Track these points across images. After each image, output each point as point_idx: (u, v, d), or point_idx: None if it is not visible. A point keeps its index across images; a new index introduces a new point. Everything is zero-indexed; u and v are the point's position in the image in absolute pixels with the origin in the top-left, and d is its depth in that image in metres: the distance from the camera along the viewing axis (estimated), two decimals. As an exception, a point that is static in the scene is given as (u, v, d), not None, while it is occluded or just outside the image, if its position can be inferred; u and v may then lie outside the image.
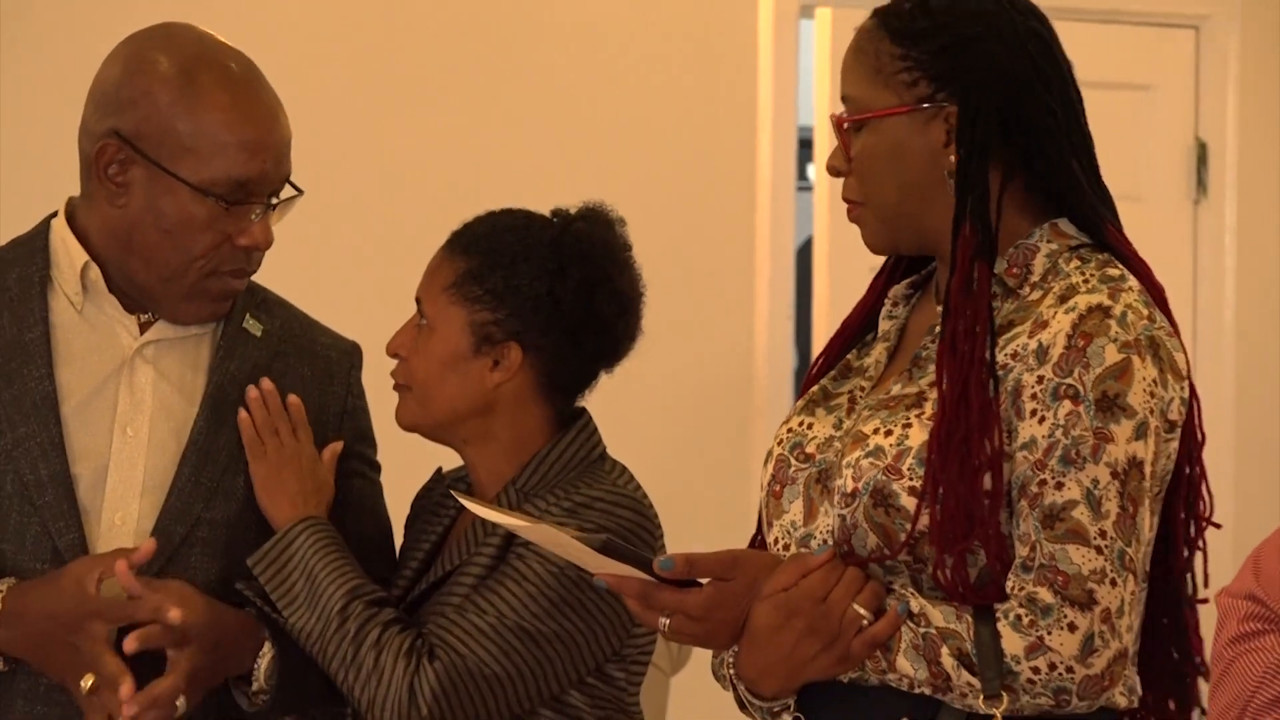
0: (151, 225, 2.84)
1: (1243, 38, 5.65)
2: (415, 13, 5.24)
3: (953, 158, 2.56)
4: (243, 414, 2.87)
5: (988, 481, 2.44)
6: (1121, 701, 2.50)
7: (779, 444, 2.64)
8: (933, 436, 2.46)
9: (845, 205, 2.64)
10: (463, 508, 2.96)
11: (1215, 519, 3.83)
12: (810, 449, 2.60)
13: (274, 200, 2.86)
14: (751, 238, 5.37)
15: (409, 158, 5.21)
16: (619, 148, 5.29)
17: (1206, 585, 2.59)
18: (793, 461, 2.61)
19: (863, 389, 2.63)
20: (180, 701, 2.73)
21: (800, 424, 2.64)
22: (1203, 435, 2.57)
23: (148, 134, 2.81)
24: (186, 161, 2.80)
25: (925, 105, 2.56)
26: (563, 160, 5.22)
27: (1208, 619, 2.58)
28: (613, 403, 3.08)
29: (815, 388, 2.69)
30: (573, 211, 2.97)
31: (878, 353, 2.67)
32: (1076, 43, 6.05)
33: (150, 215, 2.83)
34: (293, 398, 2.91)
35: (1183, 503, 2.56)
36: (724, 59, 5.36)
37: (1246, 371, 5.67)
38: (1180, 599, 2.57)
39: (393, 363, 3.01)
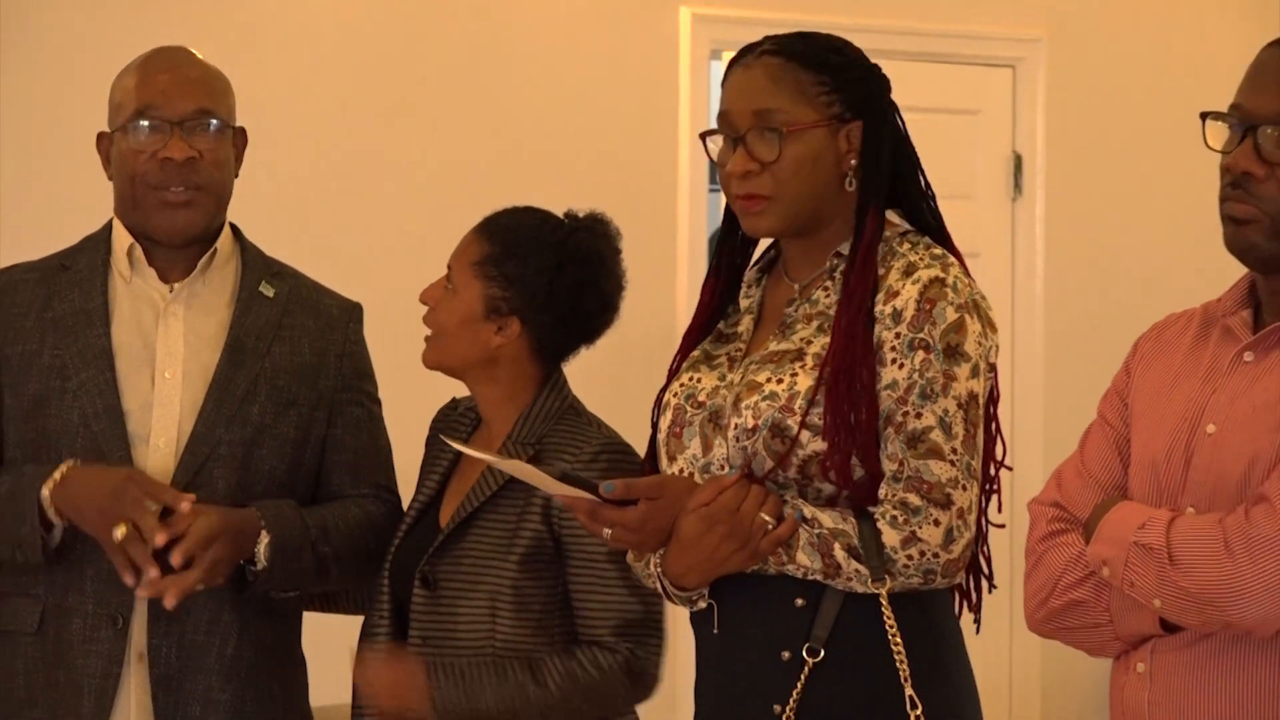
0: (117, 175, 2.93)
1: (1048, 75, 5.67)
2: (405, 44, 5.21)
3: (854, 161, 2.56)
4: None
5: (865, 407, 2.46)
6: (960, 579, 2.55)
7: (674, 396, 2.63)
8: (826, 362, 2.48)
9: (745, 199, 2.56)
10: (473, 430, 2.98)
11: (1028, 447, 3.78)
12: (701, 398, 2.59)
13: (185, 125, 2.88)
14: (674, 228, 5.37)
15: (405, 163, 5.18)
16: (570, 157, 5.27)
17: (1000, 511, 2.62)
18: (688, 409, 2.60)
19: (739, 350, 2.63)
20: (199, 585, 2.77)
21: (690, 379, 2.63)
22: (998, 394, 2.59)
23: (110, 118, 2.94)
24: (118, 117, 2.91)
25: (838, 121, 2.56)
26: (525, 167, 5.19)
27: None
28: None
29: (696, 352, 2.68)
30: (580, 216, 2.95)
31: (745, 323, 2.67)
32: (923, 78, 6.11)
33: (116, 169, 2.93)
34: None
35: (989, 451, 2.59)
36: (653, 90, 5.35)
37: (1052, 331, 5.70)
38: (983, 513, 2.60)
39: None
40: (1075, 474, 2.48)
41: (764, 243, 2.74)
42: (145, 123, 2.88)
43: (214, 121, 2.91)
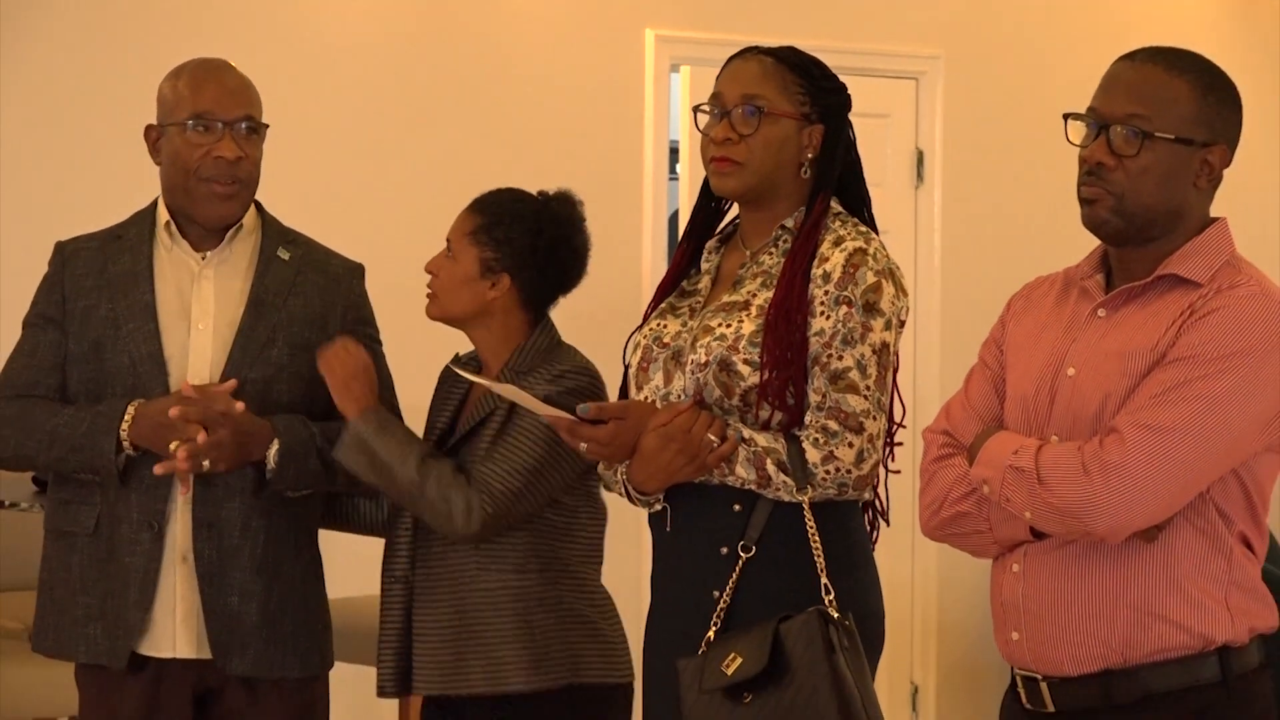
0: (169, 164, 2.92)
1: (946, 86, 5.65)
2: (411, 55, 5.14)
3: (811, 155, 2.60)
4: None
5: (797, 343, 2.49)
6: (868, 496, 2.58)
7: (644, 337, 2.68)
8: (770, 307, 2.51)
9: (720, 160, 2.60)
10: (474, 374, 2.97)
11: (927, 389, 3.69)
12: (666, 339, 2.63)
13: (234, 126, 2.89)
14: (639, 211, 5.32)
15: (410, 155, 5.11)
16: (552, 152, 5.21)
17: (893, 460, 2.64)
18: (654, 348, 2.64)
19: (698, 303, 2.66)
20: (206, 463, 2.79)
21: (658, 325, 2.67)
22: (898, 363, 2.59)
23: (160, 114, 2.93)
24: (174, 114, 2.90)
25: (805, 121, 2.60)
26: (512, 162, 5.13)
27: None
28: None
29: (664, 303, 2.71)
30: (551, 193, 2.99)
31: (705, 282, 2.70)
32: (842, 88, 5.94)
33: (167, 158, 2.93)
34: (353, 345, 2.90)
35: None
36: (622, 96, 5.31)
37: (947, 296, 5.68)
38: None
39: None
40: (961, 408, 2.48)
41: (725, 219, 2.78)
42: (201, 125, 2.89)
43: (255, 126, 2.94)
